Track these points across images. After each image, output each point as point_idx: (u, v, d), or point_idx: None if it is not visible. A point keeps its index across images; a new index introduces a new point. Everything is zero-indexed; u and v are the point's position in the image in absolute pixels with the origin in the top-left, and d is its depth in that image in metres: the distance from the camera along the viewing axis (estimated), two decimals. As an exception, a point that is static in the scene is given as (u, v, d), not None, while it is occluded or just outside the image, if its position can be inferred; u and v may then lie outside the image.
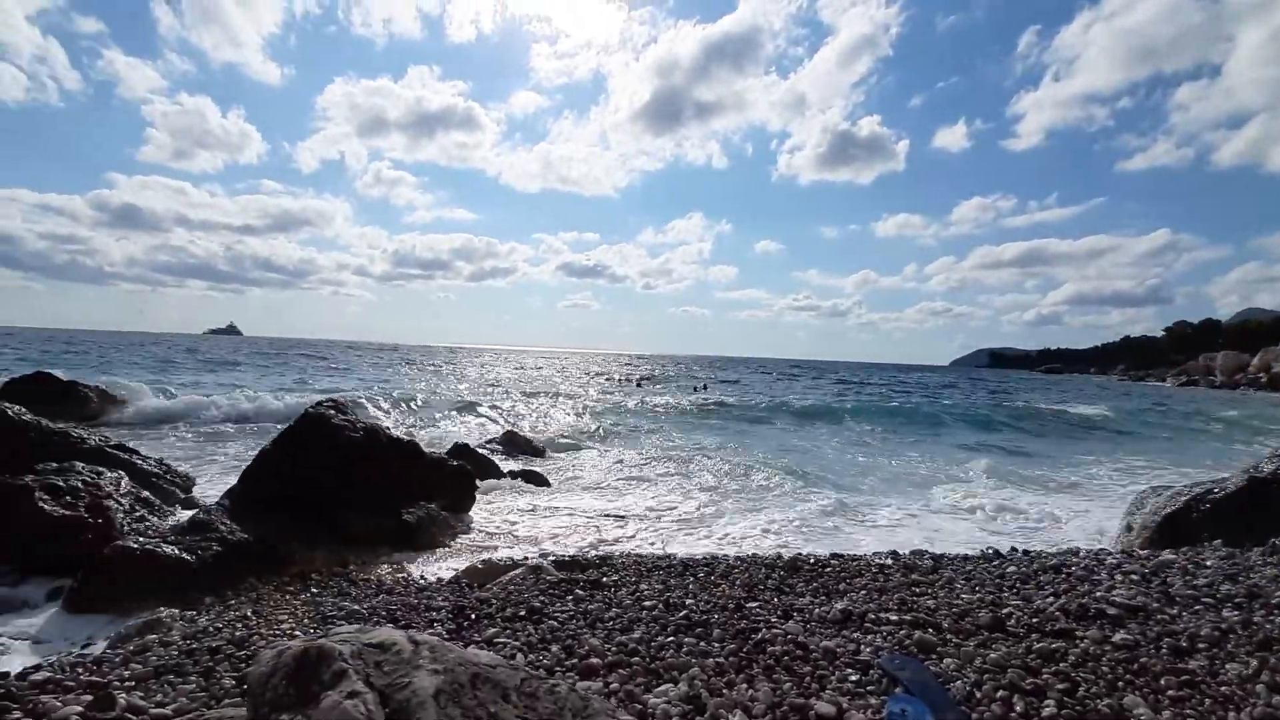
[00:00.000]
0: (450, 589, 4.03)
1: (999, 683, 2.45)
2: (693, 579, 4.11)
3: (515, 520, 6.47)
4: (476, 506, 6.65)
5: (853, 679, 2.49)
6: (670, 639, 2.93)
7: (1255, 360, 62.31)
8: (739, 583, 3.98)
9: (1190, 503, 5.37)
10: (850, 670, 2.57)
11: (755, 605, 3.43)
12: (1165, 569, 4.09)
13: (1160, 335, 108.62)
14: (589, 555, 4.88)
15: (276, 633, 3.13)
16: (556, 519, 6.53)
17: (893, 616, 3.20)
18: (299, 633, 3.14)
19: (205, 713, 2.22)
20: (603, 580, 4.08)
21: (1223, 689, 2.43)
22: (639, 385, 34.23)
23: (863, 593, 3.75)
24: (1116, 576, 3.96)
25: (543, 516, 6.63)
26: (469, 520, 6.28)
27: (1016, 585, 3.88)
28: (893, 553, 5.02)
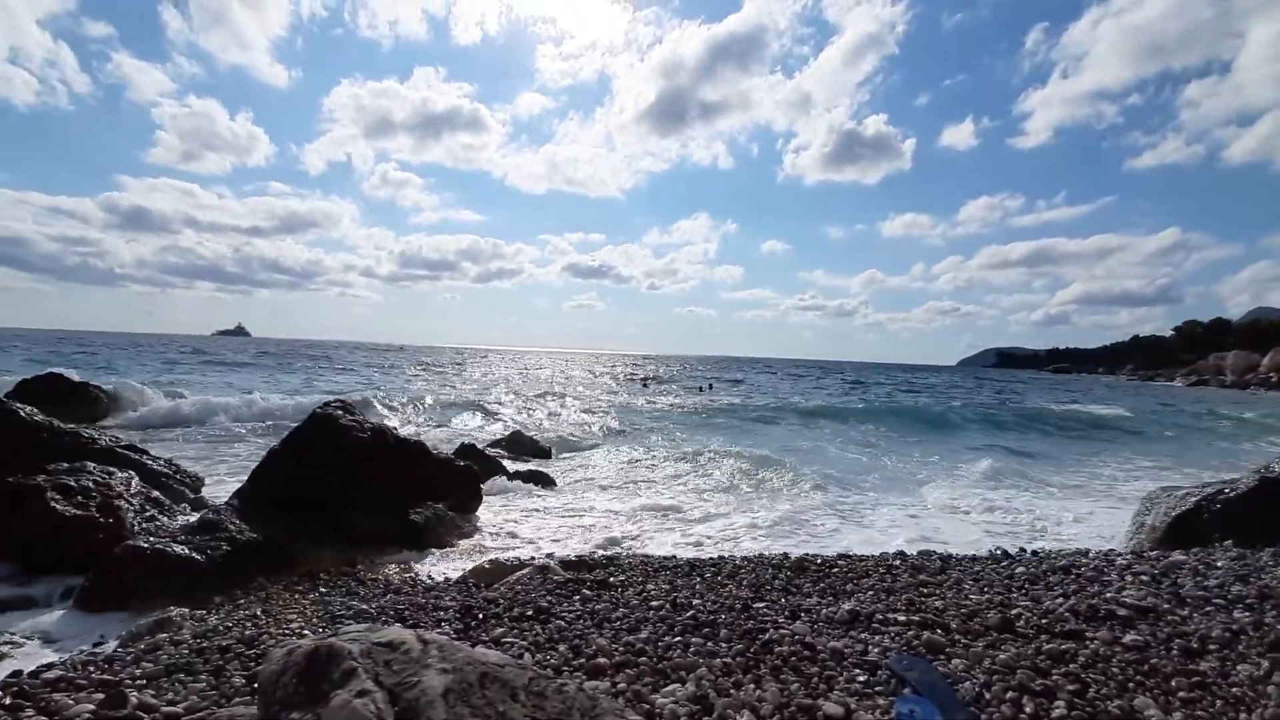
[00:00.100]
0: (457, 589, 4.05)
1: (1008, 684, 2.44)
2: (699, 579, 4.11)
3: (522, 521, 6.48)
4: (483, 507, 6.66)
5: (861, 679, 2.49)
6: (677, 639, 2.93)
7: (1266, 360, 61.81)
8: (746, 583, 3.97)
9: (1201, 503, 5.33)
10: (858, 671, 2.57)
11: (762, 605, 3.43)
12: (1176, 570, 4.06)
13: (1170, 335, 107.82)
14: (596, 555, 4.89)
15: (286, 632, 3.15)
16: (563, 519, 6.53)
17: (900, 617, 3.19)
18: (308, 632, 3.16)
19: (216, 711, 2.23)
20: (609, 580, 4.08)
21: (1234, 690, 2.41)
22: (645, 385, 34.23)
23: (870, 593, 3.74)
24: (1126, 577, 3.93)
25: (549, 517, 6.64)
26: (476, 520, 6.29)
27: (1025, 586, 3.86)
28: (900, 553, 5.01)
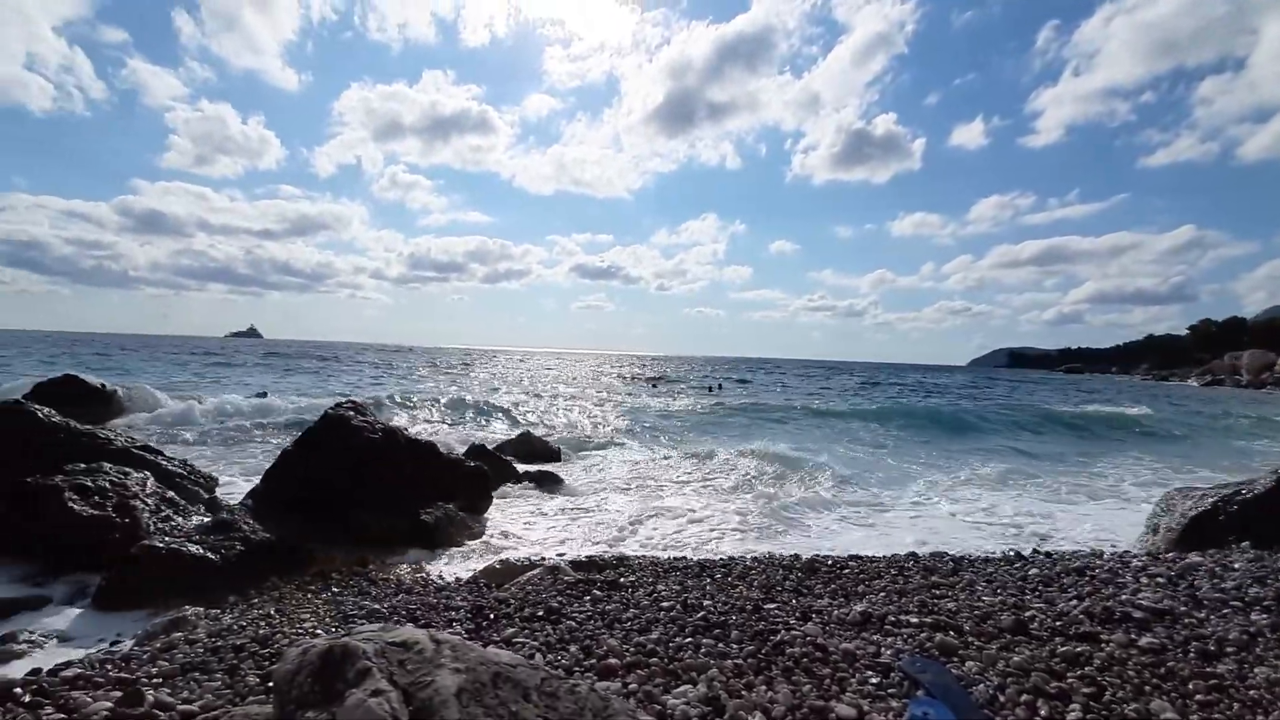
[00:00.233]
0: (468, 589, 4.06)
1: (1022, 686, 2.42)
2: (710, 580, 4.11)
3: (532, 521, 6.49)
4: (493, 507, 6.69)
5: (873, 681, 2.48)
6: (688, 640, 2.93)
7: (1283, 359, 61.05)
8: (756, 584, 3.97)
9: (1218, 504, 5.27)
10: (871, 673, 2.56)
11: (773, 607, 3.42)
12: (1192, 572, 4.02)
13: (1184, 334, 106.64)
14: (606, 556, 4.89)
15: (299, 631, 3.18)
16: (573, 520, 6.54)
17: (913, 619, 3.17)
18: (321, 631, 3.18)
19: (231, 709, 2.25)
20: (620, 581, 4.08)
21: (1251, 693, 2.39)
22: (654, 386, 34.23)
23: (882, 594, 3.73)
24: (1142, 579, 3.90)
25: (559, 517, 6.65)
26: (486, 521, 6.31)
27: (1039, 588, 3.83)
28: (912, 554, 4.98)
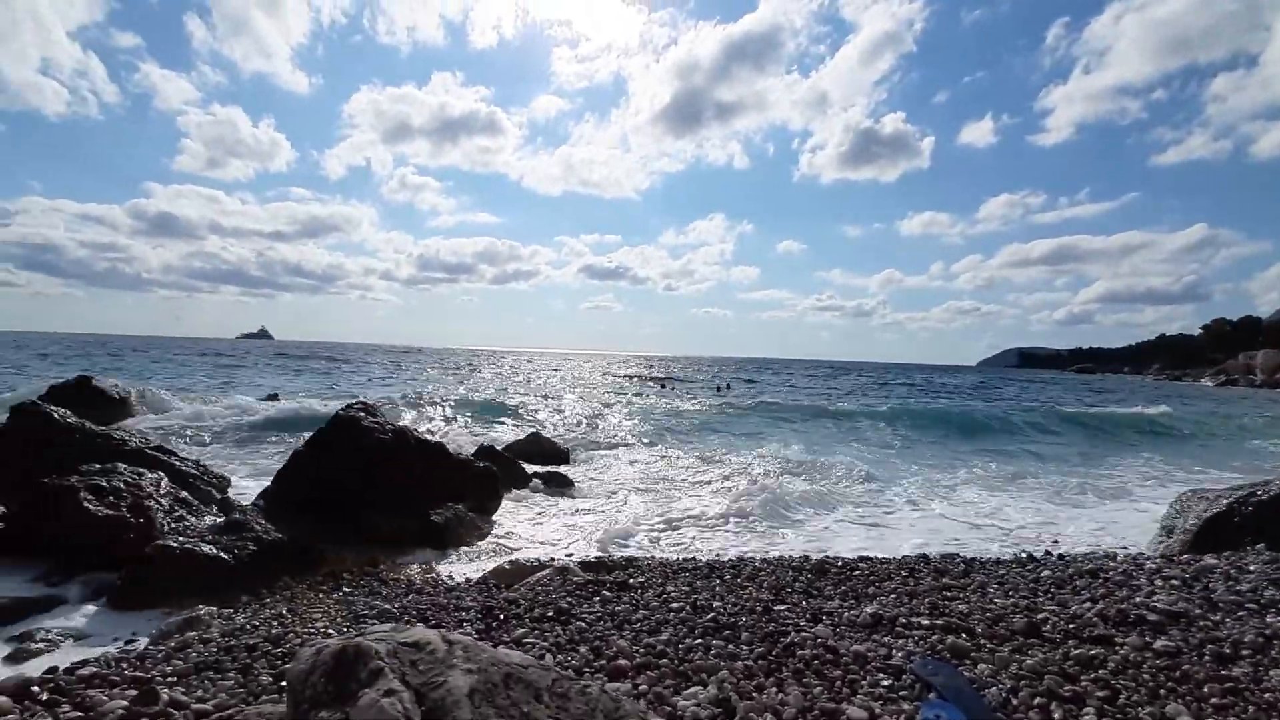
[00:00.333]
0: (478, 589, 4.08)
1: (1036, 690, 2.41)
2: (719, 581, 4.10)
3: (541, 522, 6.51)
4: (502, 508, 6.70)
5: (885, 684, 2.47)
6: (698, 641, 2.93)
7: (1298, 358, 60.23)
8: (766, 585, 3.96)
9: (1233, 506, 5.20)
10: (882, 675, 2.55)
11: (783, 608, 3.41)
12: (1207, 574, 3.98)
13: (1198, 333, 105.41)
14: (615, 557, 4.90)
15: (311, 631, 3.20)
16: (582, 521, 6.55)
17: (924, 621, 3.16)
18: (333, 631, 3.20)
19: (244, 708, 2.27)
20: (629, 582, 4.08)
21: (1267, 696, 2.36)
22: (662, 386, 34.21)
23: (893, 596, 3.71)
24: (1156, 582, 3.86)
25: (568, 518, 6.66)
26: (495, 521, 6.33)
27: (1051, 590, 3.81)
28: (922, 556, 4.96)
